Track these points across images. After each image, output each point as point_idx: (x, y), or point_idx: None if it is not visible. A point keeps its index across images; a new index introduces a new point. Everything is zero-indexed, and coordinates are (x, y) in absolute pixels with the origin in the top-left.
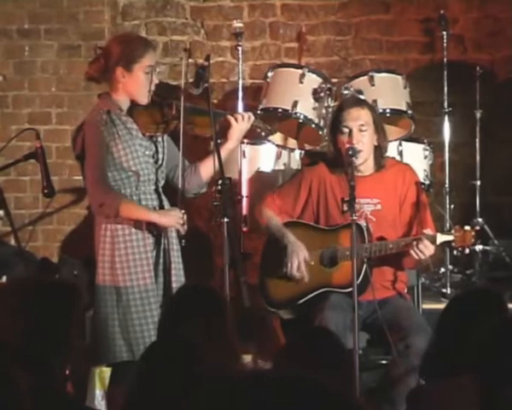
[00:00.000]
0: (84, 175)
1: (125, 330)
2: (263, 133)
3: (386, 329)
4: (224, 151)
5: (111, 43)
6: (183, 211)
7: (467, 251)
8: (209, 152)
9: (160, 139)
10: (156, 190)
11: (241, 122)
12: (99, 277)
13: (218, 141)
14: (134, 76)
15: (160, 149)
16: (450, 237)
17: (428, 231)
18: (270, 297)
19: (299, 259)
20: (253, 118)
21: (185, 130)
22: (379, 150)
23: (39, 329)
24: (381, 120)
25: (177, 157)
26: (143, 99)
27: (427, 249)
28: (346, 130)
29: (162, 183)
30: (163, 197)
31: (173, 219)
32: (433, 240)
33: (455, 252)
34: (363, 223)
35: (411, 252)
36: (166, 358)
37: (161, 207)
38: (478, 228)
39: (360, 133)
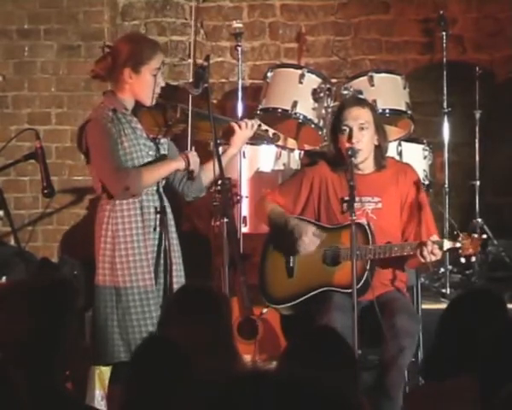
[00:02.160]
0: (91, 171)
1: (124, 330)
2: (265, 141)
3: (380, 316)
4: (225, 157)
5: (120, 43)
6: (194, 153)
7: (473, 259)
8: (210, 156)
9: (162, 141)
10: (157, 191)
11: (244, 130)
12: (99, 277)
13: (221, 146)
14: (141, 78)
15: (162, 152)
16: (457, 245)
17: (435, 237)
18: (270, 295)
19: (309, 235)
20: (256, 126)
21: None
22: (379, 150)
23: (39, 329)
24: (382, 121)
25: None
26: (148, 101)
27: (433, 255)
28: (346, 129)
29: (163, 183)
30: (164, 198)
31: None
32: (439, 246)
33: (462, 259)
34: (365, 222)
35: (418, 256)
36: (163, 357)
37: (162, 207)
38: (485, 236)
39: (360, 132)
